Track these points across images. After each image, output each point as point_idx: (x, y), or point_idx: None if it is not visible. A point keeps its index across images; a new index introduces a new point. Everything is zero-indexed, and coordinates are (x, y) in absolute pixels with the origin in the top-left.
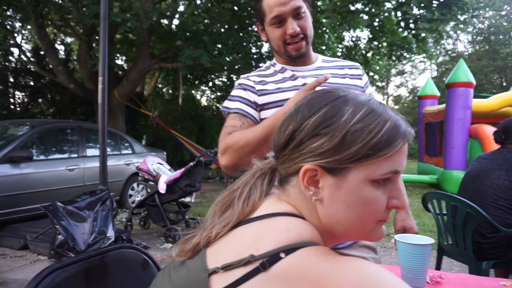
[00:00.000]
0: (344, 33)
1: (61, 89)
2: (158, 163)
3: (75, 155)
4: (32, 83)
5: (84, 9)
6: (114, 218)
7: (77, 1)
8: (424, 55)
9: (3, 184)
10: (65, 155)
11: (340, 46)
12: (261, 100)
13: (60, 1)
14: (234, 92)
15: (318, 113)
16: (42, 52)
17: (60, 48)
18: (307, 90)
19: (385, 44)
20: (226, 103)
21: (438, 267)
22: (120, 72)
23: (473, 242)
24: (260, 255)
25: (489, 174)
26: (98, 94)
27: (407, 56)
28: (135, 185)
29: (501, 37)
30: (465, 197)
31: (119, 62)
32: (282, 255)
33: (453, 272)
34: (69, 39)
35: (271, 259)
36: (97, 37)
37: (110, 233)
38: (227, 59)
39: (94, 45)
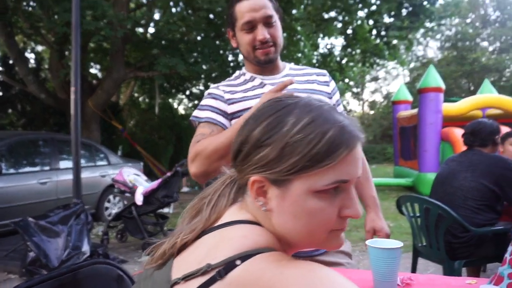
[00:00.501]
0: (319, 41)
1: (31, 99)
2: (135, 174)
3: (47, 168)
4: (0, 93)
5: (55, 16)
6: (90, 232)
7: (48, 8)
8: (396, 61)
9: None
10: (37, 168)
11: (315, 53)
12: (230, 108)
13: (30, 9)
14: (204, 102)
15: (262, 124)
16: (11, 61)
17: (31, 56)
18: (272, 93)
19: (358, 51)
20: (196, 113)
21: (413, 269)
22: (94, 81)
23: (445, 243)
24: (217, 263)
25: (457, 176)
26: (71, 105)
27: (380, 62)
28: (111, 197)
29: (467, 43)
30: (436, 199)
31: (93, 71)
32: (238, 262)
33: (428, 273)
34: (39, 48)
35: (227, 267)
36: (69, 46)
37: (85, 248)
38: (204, 67)
39: (66, 53)
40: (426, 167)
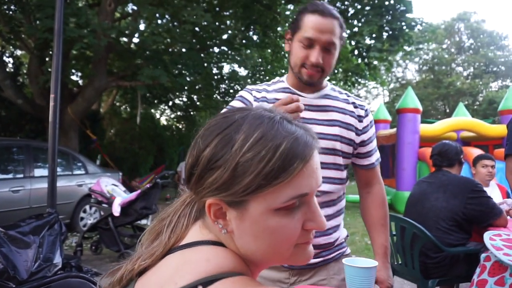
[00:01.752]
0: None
1: (8, 104)
2: (113, 184)
3: (21, 176)
4: None
5: (37, 22)
6: (63, 243)
7: (29, 13)
8: (376, 81)
9: None
10: (9, 176)
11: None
12: None
13: (11, 13)
14: (233, 102)
15: (210, 144)
16: None
17: (9, 61)
18: (277, 106)
19: (341, 70)
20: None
21: None
22: (75, 88)
23: (420, 262)
24: None
25: (429, 197)
26: (50, 112)
27: (361, 82)
28: (87, 207)
29: (443, 67)
30: (410, 219)
31: (74, 78)
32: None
33: None
34: (19, 52)
35: None
36: (50, 52)
37: (57, 259)
38: (188, 79)
39: (47, 59)
40: (404, 185)
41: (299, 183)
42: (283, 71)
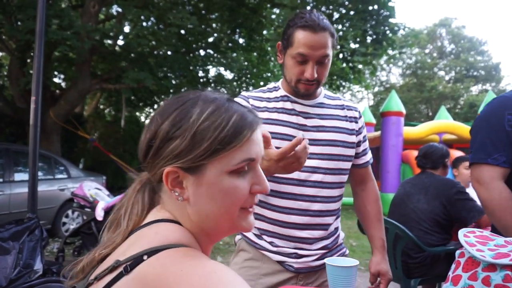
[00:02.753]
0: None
1: None
2: (96, 188)
3: (0, 180)
4: None
5: (18, 23)
6: (44, 248)
7: (11, 14)
8: (361, 85)
9: None
10: None
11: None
12: None
13: None
14: None
15: (169, 118)
16: None
17: None
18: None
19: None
20: None
21: None
22: (57, 91)
23: (402, 262)
24: (125, 259)
25: (411, 198)
26: (31, 114)
27: (346, 85)
28: (69, 212)
29: (426, 72)
30: (393, 220)
31: (56, 80)
32: (145, 257)
33: None
34: None
35: (134, 262)
36: (32, 54)
37: (38, 265)
38: (173, 82)
39: (28, 61)
40: (388, 187)
41: (248, 149)
42: (269, 74)
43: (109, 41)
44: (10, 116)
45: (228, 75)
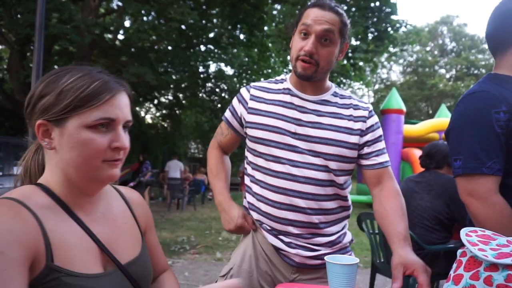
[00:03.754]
0: (289, 58)
1: None
2: None
3: (0, 174)
4: None
5: (18, 16)
6: None
7: (11, 7)
8: (361, 82)
9: None
10: None
11: (285, 70)
12: (248, 117)
13: None
14: (233, 100)
15: (44, 81)
16: None
17: None
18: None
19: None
20: (227, 110)
21: (372, 285)
22: None
23: None
24: None
25: (415, 196)
26: None
27: (347, 82)
28: None
29: (427, 69)
30: None
31: None
32: None
33: None
34: None
35: None
36: (32, 47)
37: None
38: (173, 77)
39: (28, 54)
40: None
41: (107, 110)
42: (269, 70)
43: (110, 36)
44: (10, 110)
45: (229, 71)
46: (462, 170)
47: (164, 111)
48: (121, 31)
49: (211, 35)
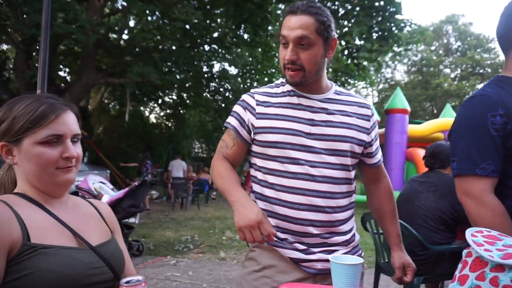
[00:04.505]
0: None
1: None
2: (100, 182)
3: None
4: None
5: (24, 16)
6: None
7: (17, 7)
8: (365, 81)
9: None
10: None
11: None
12: (257, 122)
13: None
14: (235, 108)
15: (3, 109)
16: None
17: None
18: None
19: (330, 70)
20: (228, 118)
21: (376, 285)
22: (62, 84)
23: None
24: None
25: (419, 196)
26: None
27: (351, 82)
28: None
29: (431, 69)
30: (399, 217)
31: (61, 73)
32: None
33: None
34: (4, 46)
35: None
36: (37, 47)
37: None
38: (177, 77)
39: (34, 54)
40: (392, 185)
41: (54, 128)
42: (273, 70)
43: (114, 36)
44: None
45: (233, 70)
46: (457, 171)
47: (168, 111)
48: (126, 31)
49: (215, 35)
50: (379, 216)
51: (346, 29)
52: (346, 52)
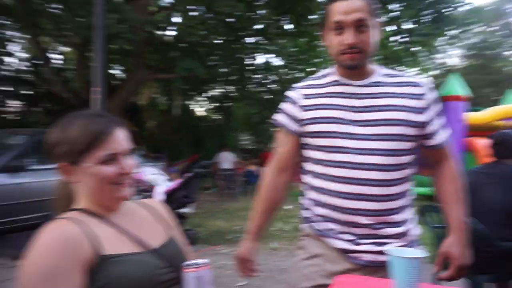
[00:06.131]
0: None
1: (56, 98)
2: (155, 173)
3: None
4: (28, 92)
5: (79, 18)
6: None
7: (73, 11)
8: (417, 68)
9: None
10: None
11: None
12: (303, 115)
13: (55, 11)
14: (283, 106)
15: (56, 132)
16: (38, 62)
17: (56, 57)
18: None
19: (377, 57)
20: (276, 115)
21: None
22: (115, 82)
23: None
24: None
25: (484, 188)
26: (94, 104)
27: (401, 69)
28: None
29: (491, 52)
30: None
31: (114, 72)
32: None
33: (451, 286)
34: (64, 48)
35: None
36: (92, 47)
37: None
38: (222, 70)
39: (90, 54)
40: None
41: (108, 147)
42: (319, 59)
43: (161, 32)
44: (78, 107)
45: (277, 62)
46: None
47: (215, 104)
48: (172, 28)
49: (258, 26)
50: (442, 199)
51: (396, 13)
52: (396, 37)
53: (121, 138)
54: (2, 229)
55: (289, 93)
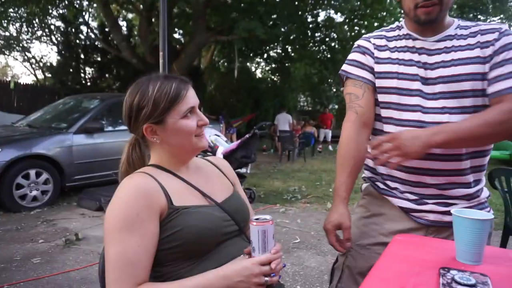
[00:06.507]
0: None
1: (125, 64)
2: (216, 134)
3: None
4: (99, 59)
5: None
6: None
7: None
8: (502, 16)
9: (80, 152)
10: (125, 127)
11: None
12: (377, 67)
13: None
14: (352, 56)
15: (137, 96)
16: (107, 29)
17: (123, 24)
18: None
19: (455, 6)
20: (345, 67)
21: (503, 248)
22: (178, 46)
23: None
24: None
25: None
26: (160, 69)
27: (481, 18)
28: None
29: None
30: None
31: (176, 36)
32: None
33: None
34: (130, 15)
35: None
36: (156, 12)
37: None
38: (282, 29)
39: (153, 20)
40: None
41: (187, 102)
42: (384, 13)
43: None
44: (143, 71)
45: (339, 18)
46: None
47: (273, 65)
48: None
49: None
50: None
51: None
52: None
53: (193, 94)
54: (83, 184)
55: (360, 42)
